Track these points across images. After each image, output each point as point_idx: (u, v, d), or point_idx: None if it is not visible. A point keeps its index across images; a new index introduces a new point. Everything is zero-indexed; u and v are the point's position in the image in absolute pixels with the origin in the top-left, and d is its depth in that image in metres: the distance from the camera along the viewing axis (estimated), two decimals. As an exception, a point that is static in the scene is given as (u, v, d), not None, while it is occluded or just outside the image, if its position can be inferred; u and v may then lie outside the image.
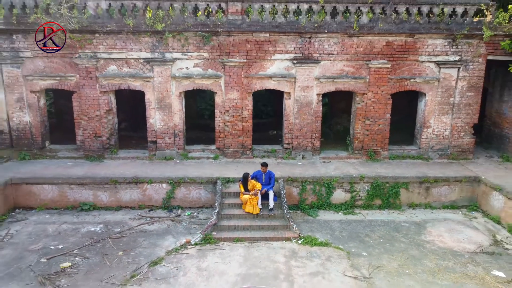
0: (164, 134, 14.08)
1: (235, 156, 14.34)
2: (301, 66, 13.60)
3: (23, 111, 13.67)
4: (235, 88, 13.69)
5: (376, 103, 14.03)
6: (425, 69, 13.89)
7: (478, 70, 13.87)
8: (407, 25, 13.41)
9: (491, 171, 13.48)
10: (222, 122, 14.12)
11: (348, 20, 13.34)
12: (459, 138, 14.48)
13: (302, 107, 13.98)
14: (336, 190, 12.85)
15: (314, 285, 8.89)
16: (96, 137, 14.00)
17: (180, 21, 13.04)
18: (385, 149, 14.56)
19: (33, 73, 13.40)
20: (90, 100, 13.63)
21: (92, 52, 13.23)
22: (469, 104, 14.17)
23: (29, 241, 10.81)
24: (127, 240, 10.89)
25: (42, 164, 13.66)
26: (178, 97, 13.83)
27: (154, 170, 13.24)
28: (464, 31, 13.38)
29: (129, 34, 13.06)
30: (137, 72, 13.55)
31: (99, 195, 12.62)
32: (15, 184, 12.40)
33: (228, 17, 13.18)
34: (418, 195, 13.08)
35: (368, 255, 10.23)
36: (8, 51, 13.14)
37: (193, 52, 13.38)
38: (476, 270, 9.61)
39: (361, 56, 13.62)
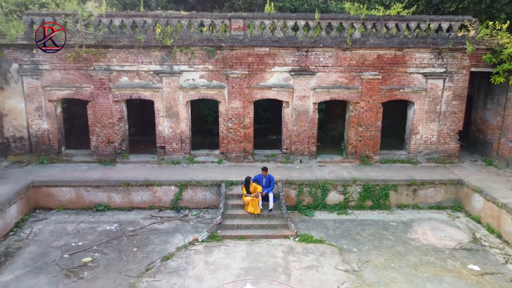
0: (171, 140, 15.21)
1: (237, 161, 15.46)
2: (298, 77, 14.73)
3: (41, 119, 14.80)
4: (238, 97, 14.82)
5: (368, 111, 15.15)
6: (413, 80, 15.02)
7: (462, 81, 15.00)
8: (396, 40, 14.53)
9: (474, 175, 14.61)
10: (225, 129, 15.25)
11: (342, 35, 14.47)
12: (445, 144, 15.60)
13: (300, 115, 15.11)
14: (331, 192, 13.97)
15: (309, 277, 10.02)
16: (109, 143, 15.13)
17: (187, 36, 14.17)
18: (376, 154, 15.68)
19: (51, 84, 14.53)
20: (104, 108, 14.75)
21: (106, 65, 14.36)
22: (454, 112, 15.29)
23: (52, 238, 11.93)
24: (140, 237, 12.01)
25: (59, 168, 14.78)
26: (184, 106, 14.96)
27: (163, 174, 14.36)
28: (449, 45, 14.50)
29: (140, 48, 14.18)
30: (147, 83, 14.67)
31: (113, 196, 13.74)
32: (36, 186, 13.52)
33: (231, 33, 14.31)
34: (406, 196, 14.20)
35: (358, 251, 11.35)
36: (29, 64, 14.27)
37: (199, 64, 14.51)
38: (454, 264, 10.74)
39: (354, 68, 14.75)
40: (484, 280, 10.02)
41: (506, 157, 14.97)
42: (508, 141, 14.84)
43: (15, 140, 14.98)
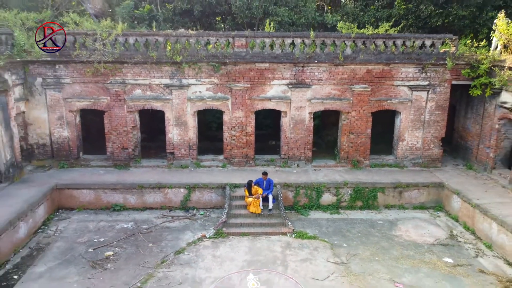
0: (180, 146, 16.74)
1: (240, 165, 16.98)
2: (295, 90, 16.26)
3: (62, 127, 16.32)
4: (240, 108, 16.35)
5: (358, 120, 16.68)
6: (400, 92, 16.55)
7: (444, 93, 16.53)
8: (384, 56, 16.07)
9: (454, 178, 16.14)
10: (229, 136, 16.78)
11: (334, 52, 15.99)
12: (429, 150, 17.13)
13: (297, 124, 16.64)
14: (325, 194, 15.50)
15: (303, 268, 11.55)
16: (123, 149, 16.66)
17: (195, 53, 15.70)
18: (366, 159, 17.21)
19: (72, 96, 16.06)
20: (119, 118, 16.28)
21: (121, 79, 15.89)
22: (437, 121, 16.82)
23: (76, 235, 13.46)
24: (154, 234, 13.54)
25: (78, 172, 16.31)
26: (192, 116, 16.49)
27: (173, 177, 15.89)
28: (432, 61, 16.03)
29: (152, 64, 15.71)
30: (159, 95, 16.20)
31: (128, 198, 15.27)
32: (59, 189, 15.04)
33: (234, 50, 15.84)
34: (393, 197, 15.73)
35: (347, 246, 12.88)
36: (52, 78, 15.79)
37: (205, 78, 16.04)
38: (431, 258, 12.27)
39: (346, 81, 16.28)
40: (456, 271, 11.55)
41: (484, 162, 16.49)
42: (486, 147, 16.37)
43: (39, 146, 16.51)
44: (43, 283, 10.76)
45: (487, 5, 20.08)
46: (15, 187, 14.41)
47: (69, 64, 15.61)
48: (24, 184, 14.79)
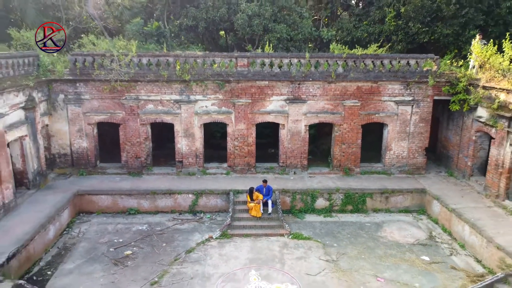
0: (188, 156, 18.47)
1: (242, 172, 18.71)
2: (292, 104, 17.99)
3: (81, 138, 18.05)
4: (242, 121, 18.08)
5: (350, 132, 18.41)
6: (387, 106, 18.28)
7: (427, 107, 18.26)
8: (372, 74, 17.80)
9: (436, 184, 17.86)
10: (232, 146, 18.51)
11: (327, 70, 17.73)
12: (414, 158, 18.86)
13: (293, 135, 18.37)
14: (319, 199, 17.22)
15: (298, 265, 13.27)
16: (136, 158, 18.39)
17: (202, 72, 17.43)
18: (357, 166, 18.94)
19: (90, 111, 17.79)
20: (133, 130, 18.01)
21: (135, 95, 17.62)
22: (421, 132, 18.55)
23: (97, 236, 15.18)
24: (166, 235, 15.26)
25: (96, 179, 18.03)
26: (199, 128, 18.23)
27: (182, 184, 17.61)
28: (415, 78, 17.76)
29: (163, 82, 17.44)
30: (169, 110, 17.93)
31: (142, 202, 16.99)
32: (80, 194, 16.76)
33: (237, 69, 17.57)
34: (380, 202, 17.45)
35: (337, 246, 14.61)
36: (72, 95, 17.53)
37: (211, 95, 17.77)
38: (410, 256, 14.00)
39: (338, 97, 18.01)
40: (431, 268, 13.29)
41: (463, 170, 18.22)
42: (464, 156, 18.10)
43: (60, 156, 18.23)
44: (73, 278, 12.48)
45: (469, 24, 21.81)
46: (41, 194, 16.14)
47: (88, 82, 17.34)
48: (49, 190, 16.52)
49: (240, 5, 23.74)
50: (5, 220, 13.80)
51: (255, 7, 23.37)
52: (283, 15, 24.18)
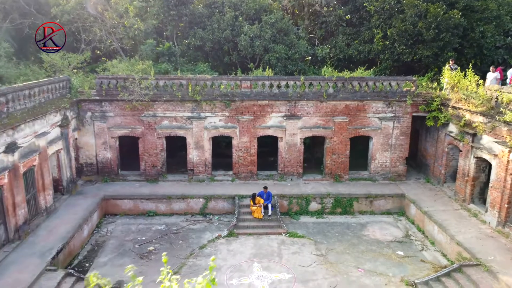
0: (198, 165, 21.17)
1: (245, 179, 21.39)
2: (289, 120, 20.69)
3: (106, 150, 20.74)
4: (246, 135, 20.77)
5: (339, 144, 21.11)
6: (372, 122, 20.98)
7: (406, 123, 20.96)
8: (358, 94, 20.50)
9: (414, 190, 20.56)
10: (237, 157, 21.20)
11: (320, 91, 20.42)
12: (396, 167, 21.57)
13: (290, 147, 21.07)
14: (312, 202, 19.90)
15: (293, 258, 15.96)
16: (153, 166, 21.07)
17: (210, 93, 20.12)
18: (346, 174, 21.64)
19: (114, 126, 20.48)
20: (151, 143, 20.70)
21: (153, 113, 20.31)
22: (401, 144, 21.26)
23: (123, 235, 17.87)
24: (182, 234, 17.95)
25: (119, 185, 20.71)
26: (208, 141, 20.92)
27: (193, 189, 20.30)
28: (396, 98, 20.46)
29: (177, 101, 20.13)
30: (182, 125, 20.63)
31: (159, 205, 19.67)
32: (106, 199, 19.44)
33: (241, 90, 20.27)
34: (365, 205, 20.14)
35: (327, 243, 17.30)
36: (98, 113, 20.22)
37: (218, 112, 20.46)
38: (387, 251, 16.69)
39: (329, 114, 20.70)
40: (404, 260, 16.00)
41: (438, 177, 20.92)
42: (439, 165, 20.80)
43: (87, 165, 20.93)
44: (108, 269, 15.16)
45: (447, 47, 24.48)
46: (74, 198, 18.84)
47: (112, 102, 20.04)
48: (79, 195, 19.22)
49: (243, 28, 26.38)
50: (48, 221, 16.50)
51: (256, 30, 26.04)
52: (281, 37, 26.82)
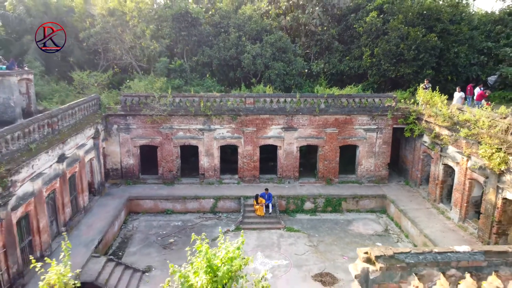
0: (209, 169, 24.51)
1: (249, 182, 24.74)
2: (287, 132, 24.04)
3: (129, 157, 24.08)
4: (249, 144, 24.12)
5: (330, 152, 24.46)
6: (358, 132, 24.33)
7: (387, 133, 24.31)
8: (346, 109, 23.85)
9: (394, 191, 23.91)
10: (242, 163, 24.55)
11: (313, 106, 23.76)
12: (379, 171, 24.92)
13: (288, 154, 24.42)
14: (306, 202, 23.24)
15: (290, 248, 19.30)
16: (170, 171, 24.42)
17: (219, 108, 23.47)
18: (336, 177, 24.99)
19: (136, 137, 23.83)
20: (168, 151, 24.04)
21: (169, 125, 23.65)
22: (384, 152, 24.61)
23: (147, 229, 21.21)
24: (196, 229, 21.25)
25: (140, 187, 24.06)
26: (217, 149, 24.27)
27: (205, 191, 23.64)
28: (379, 112, 23.81)
29: (191, 116, 23.47)
30: (194, 136, 23.98)
31: (176, 205, 23.01)
32: (131, 199, 22.79)
33: (246, 106, 23.61)
34: (352, 204, 23.48)
35: (318, 236, 20.65)
36: (123, 125, 23.56)
37: (226, 124, 23.80)
38: (368, 242, 20.04)
39: (321, 126, 24.05)
40: (381, 250, 19.32)
41: (415, 180, 24.28)
42: (416, 170, 24.15)
43: (113, 170, 24.27)
44: (138, 257, 18.52)
45: (425, 65, 27.86)
46: (104, 199, 22.19)
47: (135, 116, 23.38)
48: (108, 196, 22.57)
49: (246, 47, 29.74)
50: (86, 218, 19.85)
51: (258, 49, 29.40)
52: (280, 54, 30.16)
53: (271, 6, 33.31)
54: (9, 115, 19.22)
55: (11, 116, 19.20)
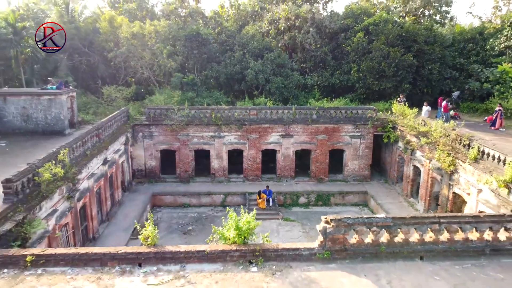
0: (218, 170, 29.07)
1: (253, 181, 29.29)
2: (284, 138, 28.60)
3: (151, 160, 28.65)
4: (253, 149, 28.68)
5: (321, 155, 29.02)
6: (344, 139, 28.89)
7: (369, 139, 28.88)
8: (334, 119, 28.41)
9: (374, 188, 28.47)
10: (246, 164, 29.12)
11: (306, 117, 28.31)
12: (362, 171, 29.49)
13: (285, 157, 28.99)
14: (300, 197, 27.79)
15: (287, 234, 23.83)
16: (186, 172, 28.98)
17: (228, 118, 28.03)
18: (326, 177, 29.56)
19: (158, 142, 28.40)
20: (184, 155, 28.61)
21: (186, 133, 28.21)
22: (366, 155, 29.18)
23: (169, 219, 25.75)
24: (210, 219, 25.79)
25: (161, 185, 28.61)
26: (225, 153, 28.83)
27: (215, 188, 28.19)
28: (361, 122, 28.37)
29: (204, 125, 28.03)
30: (207, 142, 28.54)
31: (191, 200, 27.55)
32: (154, 195, 27.34)
33: (250, 117, 28.17)
34: (339, 199, 28.02)
35: (310, 225, 25.17)
36: (147, 133, 28.12)
37: (233, 132, 28.36)
38: (351, 230, 24.57)
39: (313, 133, 28.60)
40: (360, 235, 23.91)
41: (392, 179, 28.84)
42: (393, 170, 28.71)
43: (138, 171, 28.83)
44: (164, 240, 22.96)
45: (404, 81, 32.43)
46: (133, 195, 26.75)
47: (157, 125, 27.94)
48: (136, 193, 27.13)
49: (249, 63, 34.30)
50: (121, 209, 24.39)
51: (260, 65, 33.97)
52: (279, 70, 34.74)
53: (271, 26, 37.84)
54: (60, 126, 23.74)
55: (61, 127, 23.73)
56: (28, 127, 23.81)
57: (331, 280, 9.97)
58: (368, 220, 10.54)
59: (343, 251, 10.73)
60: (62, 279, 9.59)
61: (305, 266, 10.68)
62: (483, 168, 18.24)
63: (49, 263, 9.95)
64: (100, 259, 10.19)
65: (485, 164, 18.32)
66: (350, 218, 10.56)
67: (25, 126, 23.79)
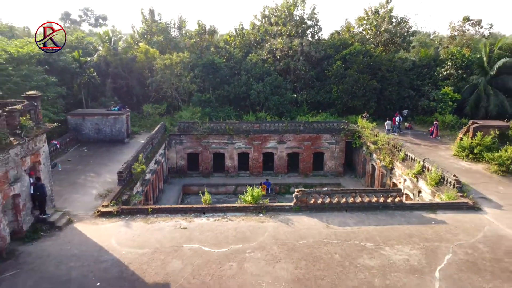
0: (230, 168, 39.22)
1: (256, 175, 39.40)
2: (279, 144, 38.76)
3: (181, 160, 38.77)
4: (256, 152, 38.83)
5: (306, 157, 39.16)
6: (324, 144, 39.05)
7: (342, 145, 39.02)
8: (316, 130, 38.56)
9: (346, 181, 38.60)
10: (251, 163, 39.27)
11: (295, 129, 38.45)
12: (338, 169, 39.65)
13: (280, 159, 39.15)
14: (291, 187, 37.88)
15: (281, 212, 33.99)
16: (206, 169, 39.11)
17: (237, 130, 38.16)
18: (310, 172, 39.71)
19: (186, 147, 38.54)
20: (205, 156, 38.74)
21: (207, 141, 38.34)
22: (340, 156, 39.34)
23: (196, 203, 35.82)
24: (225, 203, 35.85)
25: (188, 179, 38.73)
26: (236, 155, 39.00)
27: (229, 181, 38.32)
28: (336, 132, 38.53)
29: (220, 135, 38.14)
30: (222, 147, 38.68)
31: (211, 189, 37.48)
32: (184, 186, 37.46)
33: (254, 128, 38.32)
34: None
35: (297, 206, 35.29)
36: (178, 141, 38.26)
37: (242, 140, 38.49)
38: (326, 209, 34.77)
39: (301, 140, 38.74)
40: (332, 213, 34.11)
41: (360, 174, 38.98)
42: (360, 168, 38.86)
43: (172, 168, 38.96)
44: (195, 216, 33.15)
45: (370, 100, 42.54)
46: (169, 186, 36.89)
47: (186, 135, 38.07)
48: (171, 184, 37.27)
49: (253, 85, 44.41)
50: (164, 195, 34.50)
51: (261, 87, 44.08)
52: (276, 90, 44.84)
53: (269, 55, 47.93)
54: (121, 137, 33.86)
55: (122, 137, 33.84)
56: (99, 137, 33.97)
57: (299, 220, 20.08)
58: (318, 191, 20.65)
59: (306, 207, 20.83)
60: (167, 218, 19.71)
61: (286, 214, 20.75)
62: (406, 165, 28.48)
63: (159, 211, 20.09)
64: (184, 210, 20.33)
65: (408, 163, 28.56)
66: (309, 189, 20.66)
67: (97, 136, 33.96)
